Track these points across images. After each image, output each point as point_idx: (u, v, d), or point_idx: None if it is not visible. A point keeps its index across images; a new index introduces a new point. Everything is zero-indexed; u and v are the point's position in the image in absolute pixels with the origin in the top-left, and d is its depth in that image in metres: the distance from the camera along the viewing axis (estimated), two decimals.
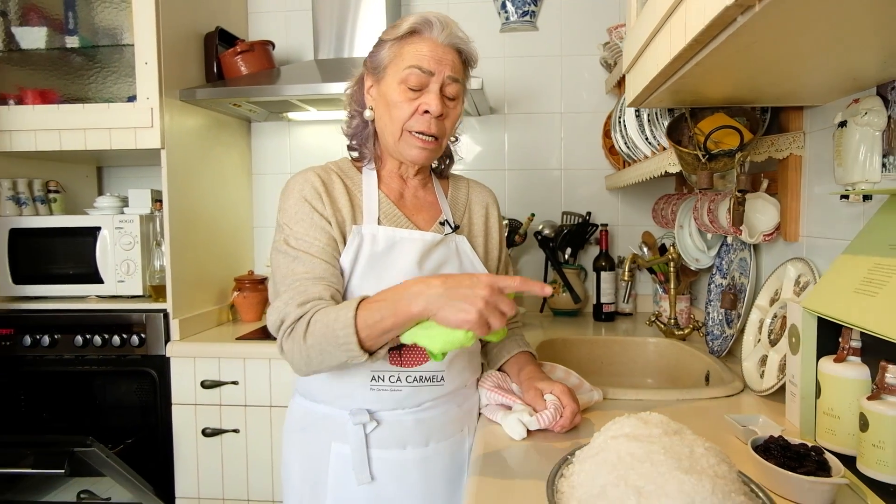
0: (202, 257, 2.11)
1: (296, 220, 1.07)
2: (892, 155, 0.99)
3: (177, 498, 1.93)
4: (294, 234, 1.06)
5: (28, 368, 1.96)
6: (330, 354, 0.95)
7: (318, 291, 1.01)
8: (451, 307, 0.86)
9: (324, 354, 0.96)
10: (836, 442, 0.93)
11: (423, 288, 0.89)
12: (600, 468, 0.71)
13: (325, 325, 0.94)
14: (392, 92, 1.07)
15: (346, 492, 1.09)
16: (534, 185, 2.39)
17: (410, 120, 1.07)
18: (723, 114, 1.20)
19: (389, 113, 1.08)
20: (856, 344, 0.93)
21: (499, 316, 0.87)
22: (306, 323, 0.97)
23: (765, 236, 1.36)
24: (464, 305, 0.86)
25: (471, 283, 0.87)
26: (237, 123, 2.41)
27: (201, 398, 1.89)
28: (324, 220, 1.07)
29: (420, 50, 1.06)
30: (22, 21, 1.96)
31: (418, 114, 1.07)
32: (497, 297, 0.87)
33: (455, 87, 1.09)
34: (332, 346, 0.94)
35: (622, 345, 1.82)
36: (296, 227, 1.07)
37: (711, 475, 0.64)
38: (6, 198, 2.01)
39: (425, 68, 1.05)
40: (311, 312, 0.98)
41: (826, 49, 0.80)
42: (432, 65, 1.05)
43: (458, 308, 0.86)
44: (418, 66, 1.05)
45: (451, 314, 0.86)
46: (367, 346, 0.94)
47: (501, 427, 1.10)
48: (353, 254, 1.07)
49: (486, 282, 0.87)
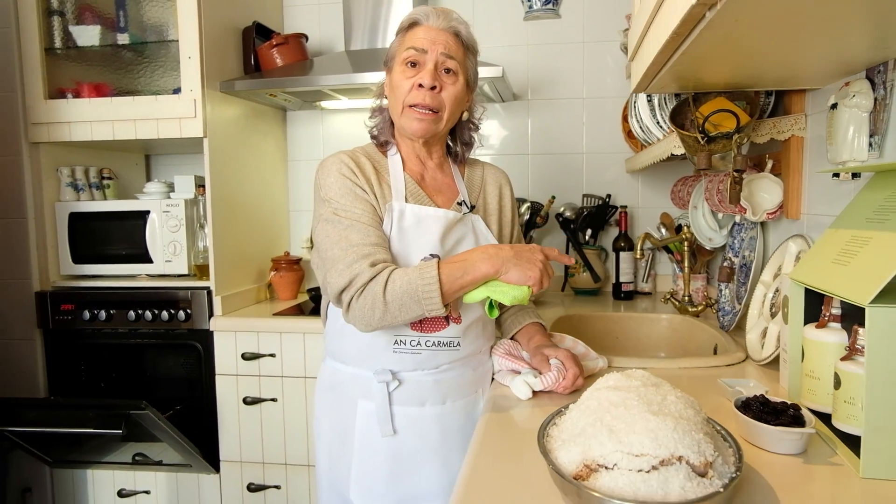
0: (242, 239, 2.26)
1: (340, 193, 1.17)
2: (877, 135, 1.05)
3: (221, 461, 2.09)
4: (342, 206, 1.16)
5: (87, 341, 2.15)
6: (409, 308, 1.07)
7: (383, 255, 1.13)
8: (519, 268, 1.07)
9: (402, 309, 1.08)
10: (816, 401, 1.00)
11: (496, 251, 1.10)
12: (582, 413, 0.81)
13: (408, 283, 1.06)
14: (396, 76, 1.21)
15: (371, 444, 1.21)
16: (557, 168, 2.46)
17: (408, 95, 1.19)
18: (723, 98, 1.27)
19: (394, 94, 1.22)
20: (836, 311, 1.00)
21: (548, 277, 1.11)
22: (384, 281, 1.07)
23: (768, 214, 1.43)
24: (530, 266, 1.08)
25: (530, 250, 1.11)
26: (273, 112, 2.54)
27: (242, 369, 2.04)
28: (365, 193, 1.18)
29: (417, 34, 1.20)
30: (78, 20, 2.12)
31: (414, 89, 1.18)
32: (547, 262, 1.11)
33: (451, 62, 1.20)
34: (413, 301, 1.07)
35: (637, 321, 1.90)
36: (342, 200, 1.16)
37: (676, 416, 0.74)
38: (65, 184, 2.19)
39: (419, 47, 1.18)
40: (386, 272, 1.09)
41: (797, 37, 0.87)
42: (426, 44, 1.18)
43: (525, 268, 1.08)
44: (413, 46, 1.19)
45: (520, 273, 1.07)
46: (445, 300, 1.07)
47: (510, 389, 1.20)
48: (387, 227, 1.18)
49: (540, 249, 1.12)
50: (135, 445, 2.11)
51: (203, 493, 2.13)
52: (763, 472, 0.84)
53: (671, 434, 0.70)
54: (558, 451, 0.78)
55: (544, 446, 0.81)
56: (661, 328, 1.86)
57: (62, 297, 2.12)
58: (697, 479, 0.69)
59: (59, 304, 2.11)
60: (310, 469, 2.03)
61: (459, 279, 1.07)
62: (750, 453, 0.90)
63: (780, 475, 0.83)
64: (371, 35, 2.33)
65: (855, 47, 0.99)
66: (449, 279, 1.07)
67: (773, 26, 0.81)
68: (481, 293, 1.10)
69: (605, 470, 0.71)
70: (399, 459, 1.21)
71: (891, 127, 1.02)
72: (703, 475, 0.69)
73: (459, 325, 1.20)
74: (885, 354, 0.80)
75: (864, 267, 0.86)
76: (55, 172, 2.18)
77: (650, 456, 0.69)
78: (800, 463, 0.88)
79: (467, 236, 1.25)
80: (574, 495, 0.72)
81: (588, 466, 0.72)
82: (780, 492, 0.79)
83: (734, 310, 1.65)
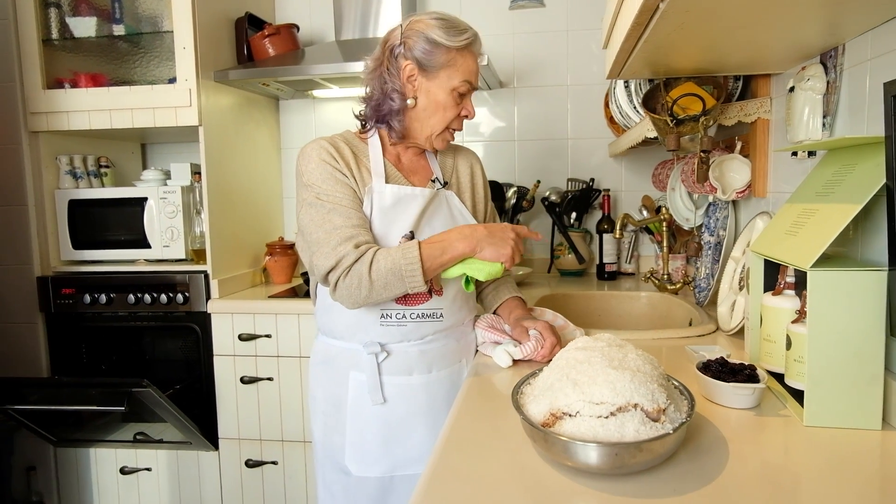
0: (237, 224, 2.33)
1: (322, 178, 1.23)
2: (829, 116, 1.12)
3: (220, 438, 2.16)
4: (324, 190, 1.22)
5: (88, 324, 2.22)
6: (393, 286, 1.16)
7: (365, 236, 1.20)
8: (493, 246, 1.18)
9: (387, 287, 1.16)
10: (773, 362, 1.09)
11: (472, 231, 1.19)
12: (552, 371, 0.89)
13: (392, 262, 1.15)
14: (443, 95, 1.26)
15: (363, 412, 1.29)
16: (543, 153, 2.54)
17: (453, 122, 1.30)
18: (692, 83, 1.34)
19: (437, 113, 1.28)
20: (790, 279, 1.08)
21: (519, 253, 1.21)
22: (369, 261, 1.15)
23: (738, 193, 1.51)
24: (502, 244, 1.18)
25: (503, 229, 1.21)
26: (266, 101, 2.61)
27: (239, 350, 2.11)
28: (345, 178, 1.24)
29: (471, 67, 1.27)
30: (74, 12, 2.17)
31: (460, 117, 1.30)
32: (518, 240, 1.21)
33: None
34: (397, 279, 1.15)
35: (618, 298, 1.98)
36: (324, 185, 1.23)
37: (634, 370, 0.82)
38: (64, 172, 2.25)
39: (475, 84, 1.29)
40: (370, 253, 1.16)
41: (748, 26, 0.94)
42: (477, 81, 1.30)
43: (499, 246, 1.18)
44: (470, 82, 1.27)
45: (494, 251, 1.18)
46: (427, 277, 1.16)
47: (492, 358, 1.29)
48: (367, 209, 1.25)
49: (512, 227, 1.21)
50: (136, 425, 2.19)
51: (202, 469, 2.21)
52: (718, 425, 0.92)
53: (628, 384, 0.78)
54: (529, 404, 0.86)
55: (517, 401, 0.88)
56: (641, 305, 1.95)
57: (63, 282, 2.19)
58: (651, 424, 0.77)
59: (60, 288, 2.18)
60: (305, 445, 2.11)
61: (438, 258, 1.17)
62: (709, 409, 0.99)
63: (733, 427, 0.92)
64: (361, 25, 2.39)
65: (808, 34, 1.06)
66: (429, 258, 1.16)
67: (722, 16, 0.88)
68: (458, 270, 1.20)
69: (569, 417, 0.79)
70: (390, 426, 1.29)
71: (840, 108, 1.10)
72: (656, 420, 0.77)
73: (441, 296, 1.29)
74: (824, 314, 0.88)
75: (810, 236, 0.94)
76: (54, 160, 2.24)
77: (609, 404, 0.77)
78: (752, 416, 0.96)
79: (442, 211, 1.33)
80: (542, 440, 0.80)
81: (554, 415, 0.80)
82: (730, 440, 0.87)
83: (709, 286, 1.74)
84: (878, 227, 0.96)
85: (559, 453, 0.77)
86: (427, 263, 1.15)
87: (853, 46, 1.06)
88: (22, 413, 2.04)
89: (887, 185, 0.84)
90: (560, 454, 0.77)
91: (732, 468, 0.79)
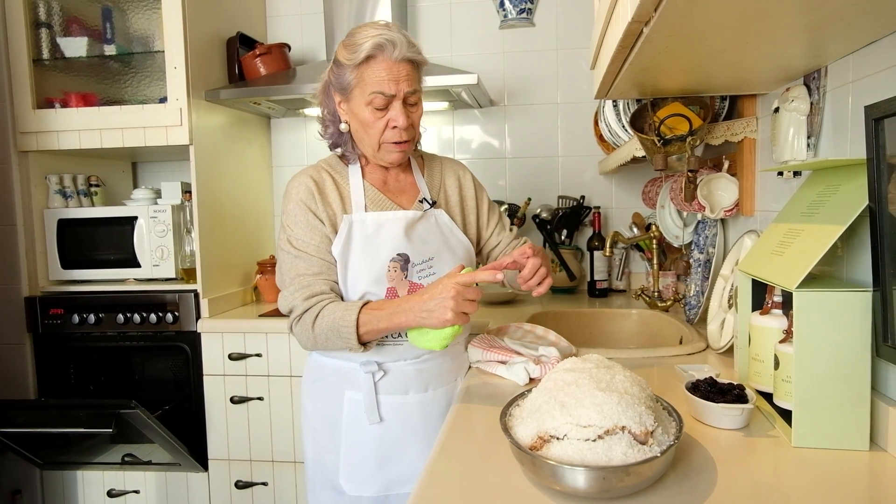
0: (228, 243, 2.32)
1: (295, 222, 1.26)
2: (814, 136, 1.14)
3: (209, 459, 2.14)
4: (294, 235, 1.26)
5: (77, 344, 2.20)
6: (333, 342, 1.20)
7: (320, 287, 1.23)
8: (430, 316, 1.10)
9: (328, 342, 1.20)
10: (761, 382, 1.08)
11: (408, 305, 1.13)
12: (540, 393, 0.89)
13: (333, 321, 1.17)
14: (362, 112, 1.22)
15: (359, 432, 1.29)
16: (533, 171, 2.55)
17: (383, 135, 1.24)
18: (679, 103, 1.36)
19: (365, 130, 1.25)
20: (777, 298, 1.08)
21: (470, 305, 1.10)
22: (314, 315, 1.19)
23: (726, 212, 1.52)
24: (440, 311, 1.09)
25: (440, 290, 1.10)
26: (257, 120, 2.61)
27: (229, 369, 2.10)
28: (318, 221, 1.26)
29: (379, 74, 1.18)
30: (65, 32, 2.17)
31: (389, 129, 1.23)
32: (463, 292, 1.09)
33: (414, 95, 1.24)
34: (336, 338, 1.18)
35: (609, 316, 1.98)
36: (295, 230, 1.26)
37: (621, 392, 0.81)
38: (54, 191, 2.24)
39: (387, 93, 1.19)
40: (317, 306, 1.20)
41: (730, 49, 0.95)
42: (392, 87, 1.18)
43: (437, 314, 1.09)
44: (380, 92, 1.18)
45: (433, 320, 1.10)
46: (364, 340, 1.18)
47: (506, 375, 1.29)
48: (344, 240, 1.25)
49: (450, 285, 1.09)
50: (124, 447, 2.16)
51: (192, 491, 2.18)
52: (706, 445, 0.92)
53: (615, 407, 0.78)
54: (517, 427, 0.86)
55: (505, 424, 0.88)
56: (632, 322, 1.95)
57: (51, 302, 2.17)
58: (638, 447, 0.76)
59: (49, 308, 2.16)
60: (296, 465, 2.09)
61: (377, 325, 1.16)
62: (698, 430, 0.98)
63: (722, 448, 0.92)
64: None
65: (791, 56, 1.07)
66: (368, 322, 1.16)
67: (705, 40, 0.89)
68: (413, 342, 1.18)
69: (556, 440, 0.78)
70: (385, 445, 1.29)
71: (824, 129, 1.11)
72: (644, 443, 0.77)
73: None
74: (811, 334, 0.88)
75: (795, 256, 0.95)
76: (44, 180, 2.24)
77: (596, 426, 0.77)
78: (741, 436, 0.96)
79: (433, 231, 1.33)
80: (529, 464, 0.79)
81: (542, 438, 0.80)
82: (719, 461, 0.87)
83: (699, 303, 1.74)
84: (863, 245, 0.96)
85: (547, 477, 0.77)
86: (365, 328, 1.16)
87: (835, 69, 1.07)
88: (8, 436, 2.01)
89: (870, 206, 0.84)
90: (548, 478, 0.77)
91: (721, 490, 0.78)
